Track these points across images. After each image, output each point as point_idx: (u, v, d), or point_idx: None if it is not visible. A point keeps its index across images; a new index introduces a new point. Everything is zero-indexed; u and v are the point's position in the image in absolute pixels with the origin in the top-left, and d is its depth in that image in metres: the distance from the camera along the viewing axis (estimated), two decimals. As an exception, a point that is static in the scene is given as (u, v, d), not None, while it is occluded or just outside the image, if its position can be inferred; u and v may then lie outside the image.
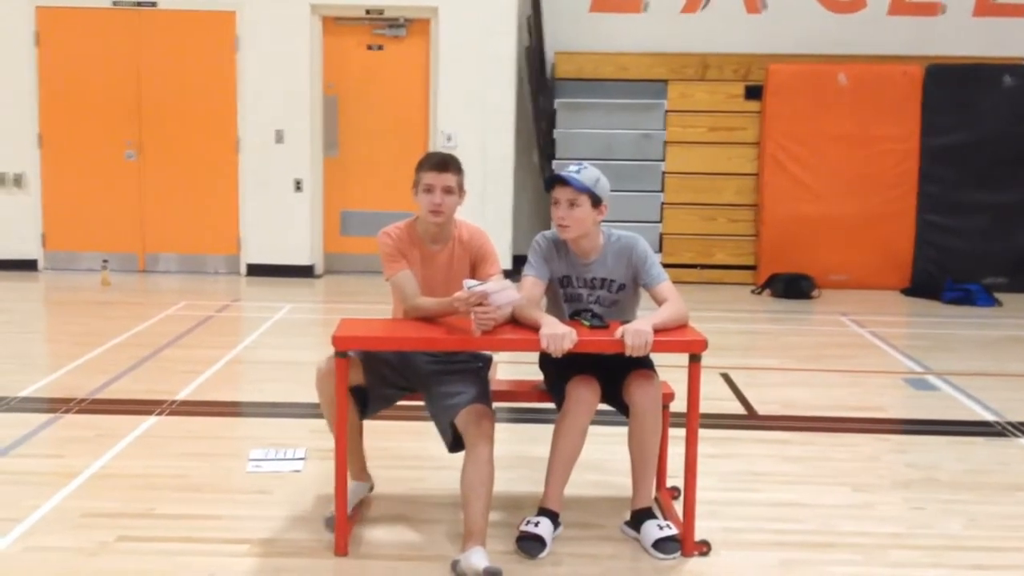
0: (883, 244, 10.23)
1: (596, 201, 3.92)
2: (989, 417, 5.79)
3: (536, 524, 3.83)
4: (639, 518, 3.92)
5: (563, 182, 3.89)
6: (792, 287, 9.83)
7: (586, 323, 3.87)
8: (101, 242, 10.36)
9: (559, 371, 3.97)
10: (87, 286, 9.63)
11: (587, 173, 3.93)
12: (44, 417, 5.43)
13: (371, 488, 4.28)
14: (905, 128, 10.13)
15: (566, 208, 3.88)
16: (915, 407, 6.14)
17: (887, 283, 10.23)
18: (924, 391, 6.40)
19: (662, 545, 3.80)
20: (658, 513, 4.01)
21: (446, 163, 3.97)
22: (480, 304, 3.65)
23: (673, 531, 3.84)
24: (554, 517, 3.89)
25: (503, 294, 3.68)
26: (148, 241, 10.47)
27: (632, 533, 3.95)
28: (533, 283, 3.99)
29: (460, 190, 4.00)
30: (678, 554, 3.80)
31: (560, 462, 3.91)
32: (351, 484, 4.10)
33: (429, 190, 3.93)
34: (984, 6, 10.70)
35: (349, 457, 4.03)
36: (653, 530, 3.84)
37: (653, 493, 4.04)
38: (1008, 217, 10.12)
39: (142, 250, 10.48)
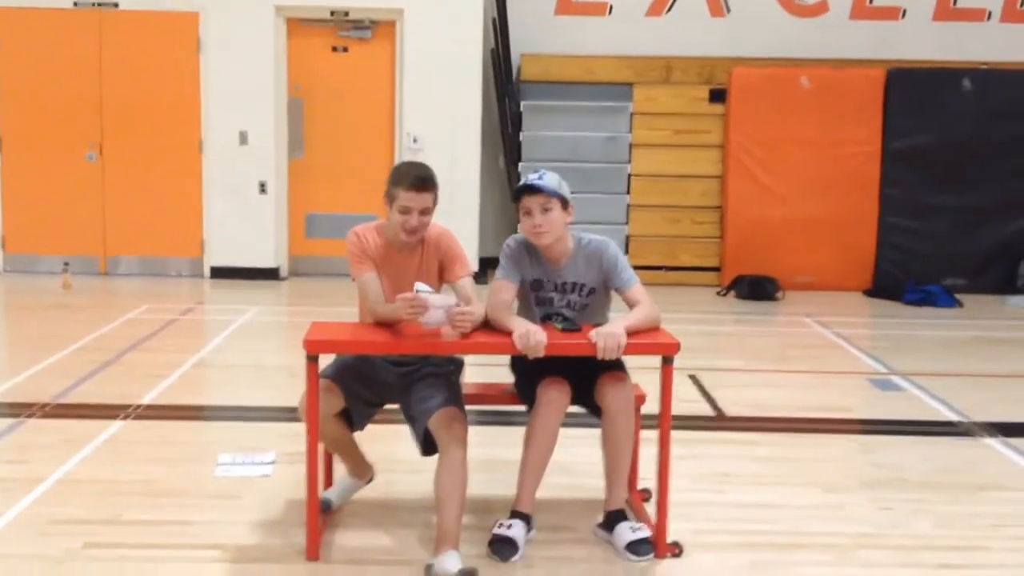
0: (846, 246, 10.33)
1: (564, 203, 3.93)
2: (953, 417, 5.85)
3: (509, 527, 3.82)
4: (612, 520, 3.92)
5: (534, 190, 3.88)
6: (757, 289, 9.89)
7: (558, 326, 3.87)
8: (62, 245, 10.24)
9: (530, 373, 3.96)
10: (48, 289, 9.51)
11: (549, 177, 3.93)
12: (7, 422, 5.34)
13: (370, 479, 4.31)
14: (867, 131, 10.24)
15: (540, 214, 3.87)
16: (880, 407, 6.20)
17: (850, 285, 10.33)
18: (889, 391, 6.47)
19: (635, 547, 3.80)
20: (631, 515, 4.01)
21: (424, 182, 3.84)
22: (420, 306, 3.61)
23: (646, 533, 3.85)
24: (527, 520, 3.88)
25: (437, 312, 3.65)
26: (109, 244, 10.35)
27: (605, 535, 3.95)
28: (504, 287, 3.97)
29: (435, 204, 3.93)
30: (651, 556, 3.80)
31: (532, 464, 3.90)
32: (347, 481, 4.23)
33: (406, 211, 3.83)
34: (944, 11, 10.82)
35: (344, 460, 4.19)
36: (626, 532, 3.85)
37: (626, 495, 4.04)
38: (968, 219, 10.25)
39: (103, 253, 10.36)
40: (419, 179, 3.85)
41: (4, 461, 4.80)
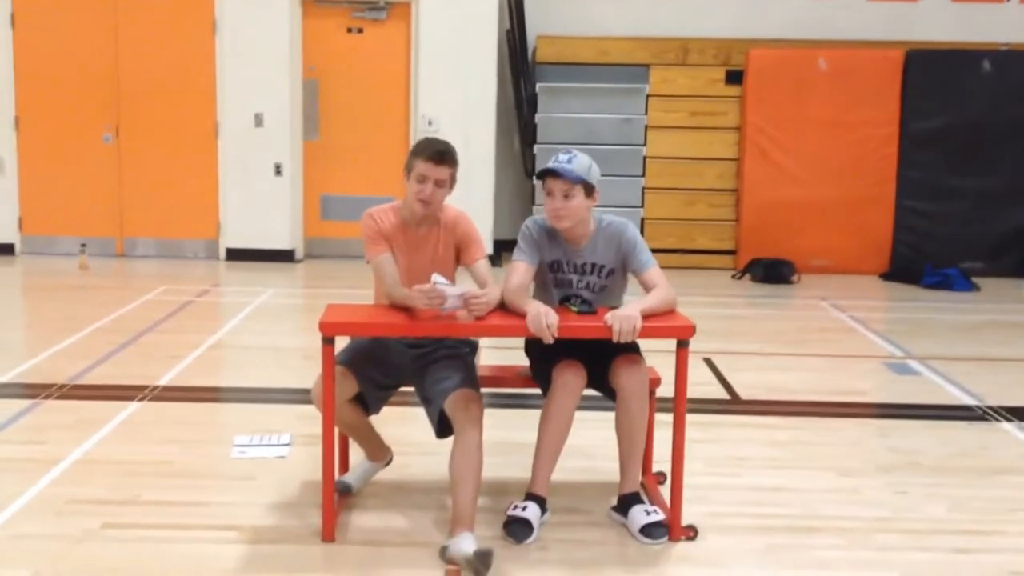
0: (863, 229, 10.28)
1: (589, 190, 3.91)
2: (970, 401, 5.83)
3: (523, 509, 3.83)
4: (626, 503, 3.93)
5: (557, 174, 3.87)
6: (772, 272, 9.86)
7: (574, 308, 3.87)
8: (79, 226, 10.26)
9: (545, 356, 3.96)
10: (65, 270, 9.55)
11: (579, 161, 3.90)
12: (25, 403, 5.37)
13: (389, 461, 4.32)
14: (886, 113, 10.18)
15: (561, 200, 3.86)
16: (896, 391, 6.18)
17: (866, 268, 10.29)
18: (905, 375, 6.44)
19: (649, 530, 3.81)
20: (645, 498, 4.01)
21: (443, 156, 3.89)
22: (437, 297, 3.65)
23: (660, 516, 3.85)
24: (541, 502, 3.89)
25: (454, 301, 3.68)
26: (126, 225, 10.39)
27: (619, 518, 3.95)
28: (521, 269, 3.96)
29: (452, 182, 3.95)
30: (665, 539, 3.81)
31: (547, 447, 3.90)
32: (366, 464, 4.24)
33: (421, 180, 3.88)
34: (963, -9, 10.73)
35: (362, 444, 4.21)
36: (640, 515, 3.85)
37: (640, 478, 4.04)
38: (986, 202, 10.19)
39: (120, 234, 10.40)
40: (438, 152, 3.90)
41: (22, 441, 4.83)
